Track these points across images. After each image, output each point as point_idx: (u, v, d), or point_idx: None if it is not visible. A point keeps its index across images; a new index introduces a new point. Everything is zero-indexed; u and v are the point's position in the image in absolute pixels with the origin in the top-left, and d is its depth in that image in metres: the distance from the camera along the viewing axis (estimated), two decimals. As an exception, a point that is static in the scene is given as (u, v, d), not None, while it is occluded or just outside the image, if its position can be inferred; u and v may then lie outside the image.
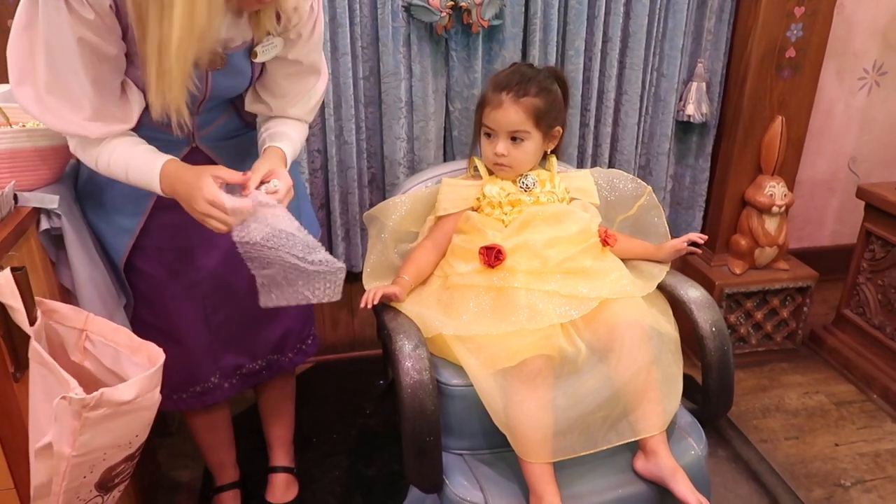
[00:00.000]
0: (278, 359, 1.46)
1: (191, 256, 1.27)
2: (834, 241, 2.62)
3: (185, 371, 1.34)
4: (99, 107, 1.05)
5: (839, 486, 1.70)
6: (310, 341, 1.52)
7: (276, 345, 1.44)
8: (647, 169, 2.10)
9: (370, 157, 1.90)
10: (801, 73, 1.97)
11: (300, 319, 1.46)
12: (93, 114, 1.05)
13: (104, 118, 1.06)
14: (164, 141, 1.16)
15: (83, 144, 1.11)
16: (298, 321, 1.46)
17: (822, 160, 2.47)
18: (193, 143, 1.22)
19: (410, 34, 1.76)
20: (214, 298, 1.32)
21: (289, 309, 1.32)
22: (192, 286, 1.29)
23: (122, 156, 1.10)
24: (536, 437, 1.15)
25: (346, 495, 1.66)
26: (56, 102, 1.03)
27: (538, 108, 1.35)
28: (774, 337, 2.20)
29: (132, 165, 1.10)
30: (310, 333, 1.51)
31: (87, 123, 1.05)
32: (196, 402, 1.39)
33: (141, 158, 1.10)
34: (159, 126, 1.11)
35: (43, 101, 1.02)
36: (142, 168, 1.09)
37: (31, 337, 0.96)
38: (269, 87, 1.23)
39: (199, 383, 1.37)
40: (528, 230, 1.33)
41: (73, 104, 1.03)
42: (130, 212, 1.23)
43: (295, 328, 1.46)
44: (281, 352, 1.46)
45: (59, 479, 0.94)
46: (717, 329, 1.29)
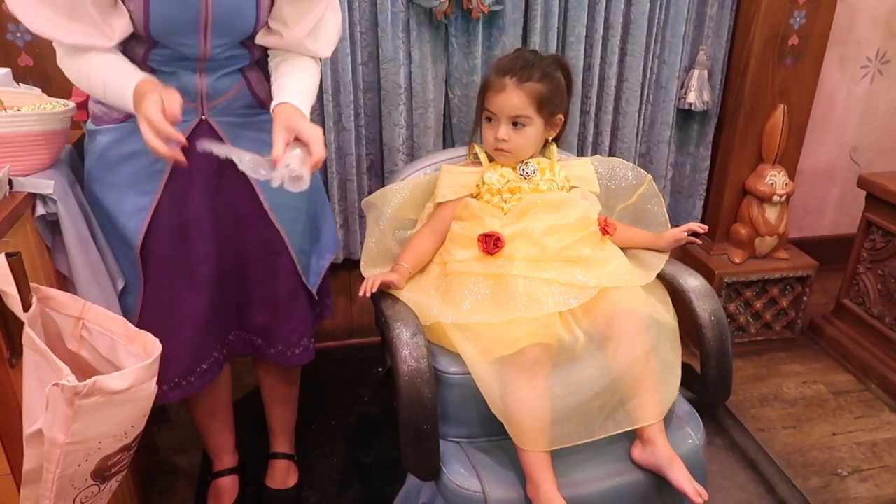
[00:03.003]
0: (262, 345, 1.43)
1: (199, 231, 1.26)
2: (834, 231, 2.61)
3: (194, 351, 1.33)
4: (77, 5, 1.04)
5: (836, 476, 1.70)
6: (298, 351, 1.43)
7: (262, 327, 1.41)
8: (648, 157, 2.09)
9: (369, 144, 1.89)
10: (804, 61, 1.95)
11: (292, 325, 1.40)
12: (70, 14, 1.05)
13: (83, 19, 1.05)
14: None
15: (69, 53, 1.11)
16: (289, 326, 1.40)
17: (824, 149, 2.45)
18: (203, 115, 1.20)
19: (410, 19, 1.74)
20: (221, 274, 1.31)
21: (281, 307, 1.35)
22: (201, 263, 1.28)
23: (103, 70, 1.09)
24: (534, 426, 1.15)
25: (343, 482, 1.66)
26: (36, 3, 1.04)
27: (541, 93, 1.34)
28: (773, 326, 2.20)
29: (110, 80, 1.09)
30: (300, 343, 1.43)
31: (68, 25, 1.05)
32: (202, 382, 1.37)
33: (121, 74, 1.08)
34: None
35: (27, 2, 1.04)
36: (119, 84, 1.08)
37: (25, 323, 0.96)
38: (276, 16, 1.18)
39: (204, 361, 1.36)
40: (528, 218, 1.32)
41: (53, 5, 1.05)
42: (145, 189, 1.22)
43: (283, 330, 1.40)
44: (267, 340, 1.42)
45: (52, 466, 0.94)
46: (716, 318, 1.28)
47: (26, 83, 1.43)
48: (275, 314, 1.38)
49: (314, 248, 1.41)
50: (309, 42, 1.21)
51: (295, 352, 1.43)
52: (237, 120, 1.24)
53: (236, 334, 1.42)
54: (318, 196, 1.43)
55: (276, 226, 1.30)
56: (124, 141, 1.19)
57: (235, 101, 1.22)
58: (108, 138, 1.20)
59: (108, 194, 1.23)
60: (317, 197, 1.41)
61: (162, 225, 1.24)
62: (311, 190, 1.32)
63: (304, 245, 1.37)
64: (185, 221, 1.24)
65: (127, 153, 1.20)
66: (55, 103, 1.23)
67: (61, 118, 1.18)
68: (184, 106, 1.12)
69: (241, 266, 1.33)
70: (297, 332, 1.41)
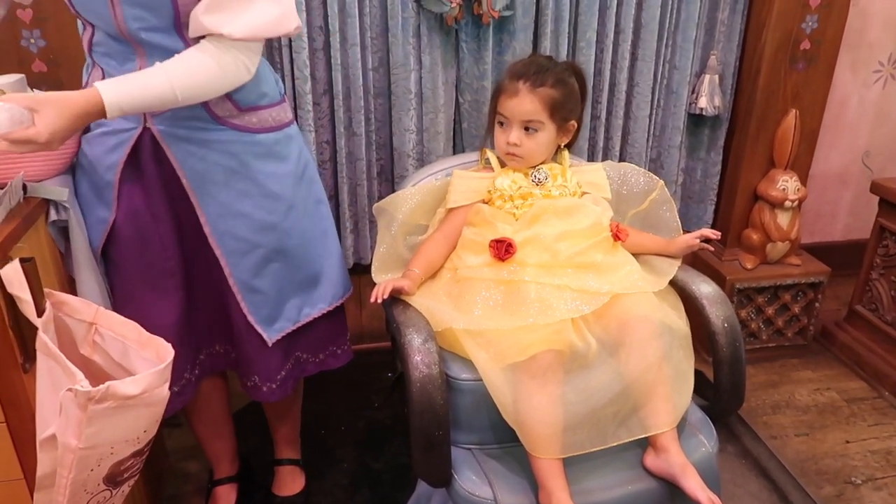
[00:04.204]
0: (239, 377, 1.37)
1: (160, 244, 1.22)
2: (846, 236, 2.59)
3: None
4: None
5: (850, 484, 1.69)
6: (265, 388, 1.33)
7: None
8: (659, 162, 2.08)
9: (379, 149, 1.89)
10: (816, 66, 1.94)
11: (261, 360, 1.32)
12: None
13: None
14: None
15: None
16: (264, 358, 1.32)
17: (836, 154, 2.44)
18: (146, 124, 1.14)
19: (420, 25, 1.74)
20: (191, 290, 1.27)
21: None
22: (165, 277, 1.24)
23: None
24: (546, 433, 1.14)
25: (353, 488, 1.65)
26: None
27: (554, 99, 1.33)
28: (785, 332, 2.18)
29: None
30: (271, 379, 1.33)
31: None
32: (174, 405, 1.28)
33: None
34: None
35: None
36: None
37: (39, 328, 0.96)
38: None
39: (176, 383, 1.28)
40: (539, 223, 1.31)
41: None
42: (104, 201, 1.20)
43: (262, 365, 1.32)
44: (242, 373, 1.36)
45: (65, 470, 0.94)
46: (730, 325, 1.27)
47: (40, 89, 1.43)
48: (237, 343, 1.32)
49: (295, 294, 1.32)
50: (206, 16, 1.03)
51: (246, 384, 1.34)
52: (184, 132, 1.15)
53: (210, 350, 1.37)
54: (315, 242, 1.33)
55: (216, 251, 1.22)
56: (84, 149, 1.20)
57: (184, 112, 1.12)
58: (81, 146, 1.22)
59: (83, 202, 1.22)
60: (312, 242, 1.32)
61: (122, 237, 1.21)
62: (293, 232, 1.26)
63: (256, 283, 1.26)
64: (144, 234, 1.21)
65: (87, 162, 1.20)
66: (69, 109, 1.23)
67: (75, 124, 1.18)
68: None
69: (212, 281, 1.27)
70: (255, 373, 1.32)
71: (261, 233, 1.23)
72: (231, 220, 1.21)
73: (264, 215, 1.23)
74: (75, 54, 1.33)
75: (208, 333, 1.35)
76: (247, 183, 1.20)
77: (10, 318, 0.96)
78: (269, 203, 1.23)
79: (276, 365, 1.34)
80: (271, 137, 1.22)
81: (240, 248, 1.23)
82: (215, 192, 1.19)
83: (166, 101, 1.05)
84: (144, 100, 1.03)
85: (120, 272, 1.24)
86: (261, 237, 1.24)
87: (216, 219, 1.20)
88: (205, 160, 1.17)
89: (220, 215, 1.20)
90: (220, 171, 1.18)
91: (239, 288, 1.25)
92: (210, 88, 1.08)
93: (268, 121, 1.22)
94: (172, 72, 1.03)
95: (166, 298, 1.25)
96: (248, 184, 1.21)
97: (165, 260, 1.23)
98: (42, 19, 1.51)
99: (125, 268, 1.24)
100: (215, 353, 1.39)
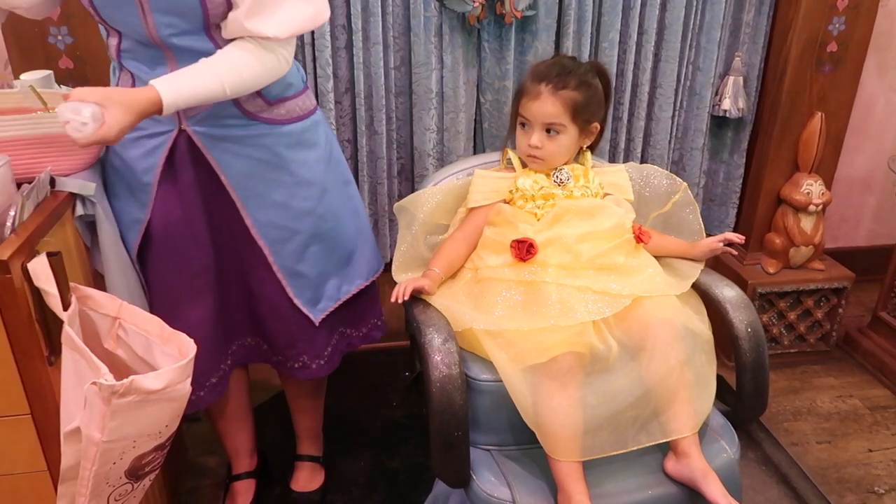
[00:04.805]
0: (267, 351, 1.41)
1: (195, 243, 1.25)
2: (871, 242, 2.55)
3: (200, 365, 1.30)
4: None
5: (872, 493, 1.66)
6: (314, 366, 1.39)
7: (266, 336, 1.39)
8: (681, 164, 2.06)
9: (399, 148, 1.89)
10: (843, 69, 1.92)
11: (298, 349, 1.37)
12: None
13: None
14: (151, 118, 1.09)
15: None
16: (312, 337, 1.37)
17: (861, 158, 2.40)
18: (181, 126, 1.17)
19: (442, 24, 1.74)
20: (223, 285, 1.30)
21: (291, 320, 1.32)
22: (199, 274, 1.26)
23: None
24: (565, 435, 1.13)
25: (369, 486, 1.66)
26: None
27: (576, 101, 1.32)
28: (808, 338, 2.15)
29: None
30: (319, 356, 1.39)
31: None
32: (212, 395, 1.35)
33: None
34: None
35: None
36: None
37: (65, 322, 0.97)
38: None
39: (213, 374, 1.34)
40: (561, 224, 1.31)
41: None
42: (140, 202, 1.22)
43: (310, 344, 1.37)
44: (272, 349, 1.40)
45: (88, 463, 0.95)
46: (753, 330, 1.26)
47: (67, 85, 1.45)
48: (275, 330, 1.35)
49: (335, 273, 1.36)
50: (249, 21, 1.06)
51: (294, 366, 1.39)
52: (220, 132, 1.18)
53: (242, 342, 1.40)
54: (346, 222, 1.37)
55: (259, 242, 1.26)
56: (117, 153, 1.21)
57: (217, 110, 1.16)
58: (110, 149, 1.23)
59: (114, 205, 1.24)
60: (343, 222, 1.36)
61: (156, 237, 1.23)
62: (327, 215, 1.30)
63: (300, 268, 1.30)
64: (178, 233, 1.24)
65: (121, 165, 1.21)
66: (95, 105, 1.24)
67: (101, 120, 1.19)
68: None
69: (243, 278, 1.31)
70: (304, 353, 1.37)
71: (298, 219, 1.27)
72: (270, 210, 1.25)
73: (300, 202, 1.27)
74: (101, 52, 1.34)
75: (240, 326, 1.38)
76: (281, 173, 1.24)
77: (37, 312, 0.97)
78: (303, 190, 1.27)
79: (323, 342, 1.38)
80: (300, 126, 1.25)
81: (281, 236, 1.27)
82: (253, 185, 1.23)
83: (216, 97, 1.09)
84: (197, 97, 1.06)
85: (154, 271, 1.26)
86: (299, 224, 1.28)
87: (256, 211, 1.24)
88: (240, 156, 1.20)
89: (259, 207, 1.24)
90: (255, 164, 1.22)
91: (283, 274, 1.29)
92: (256, 82, 1.12)
93: (295, 110, 1.24)
94: (222, 70, 1.07)
95: (200, 295, 1.28)
96: (283, 174, 1.24)
97: (199, 258, 1.26)
98: (69, 16, 1.52)
99: (159, 267, 1.26)
100: (247, 344, 1.41)
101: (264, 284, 1.30)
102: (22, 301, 0.95)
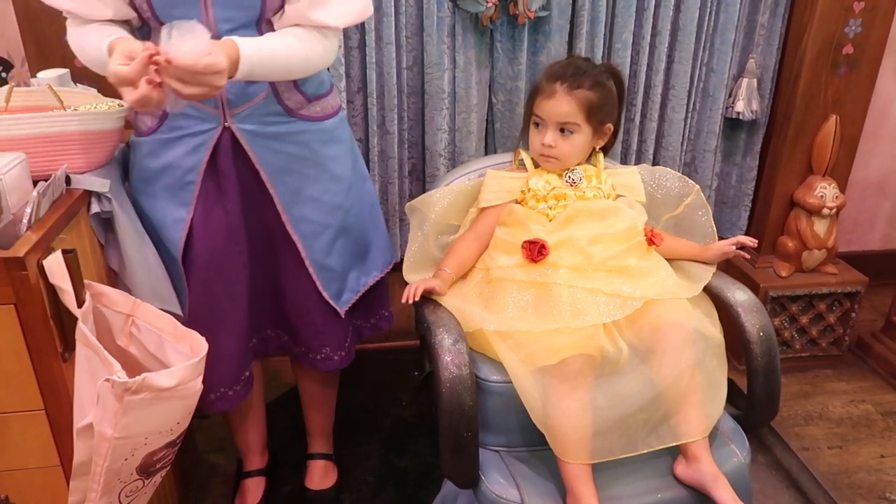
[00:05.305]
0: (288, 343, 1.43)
1: (234, 240, 1.27)
2: (885, 246, 2.53)
3: (238, 359, 1.34)
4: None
5: (884, 499, 1.65)
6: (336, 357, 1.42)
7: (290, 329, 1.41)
8: (693, 166, 2.05)
9: (411, 148, 1.89)
10: (858, 71, 1.90)
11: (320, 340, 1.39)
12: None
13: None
14: (194, 117, 1.16)
15: (72, 24, 1.13)
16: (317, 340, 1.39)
17: (875, 161, 2.38)
18: (225, 122, 1.18)
19: (455, 24, 1.74)
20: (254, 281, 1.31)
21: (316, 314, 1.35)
22: (237, 271, 1.29)
23: (91, 37, 1.10)
24: (575, 437, 1.13)
25: (378, 485, 1.66)
26: None
27: (591, 101, 1.32)
28: (820, 342, 2.14)
29: (93, 45, 1.08)
30: (341, 347, 1.42)
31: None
32: (246, 390, 1.38)
33: (101, 37, 1.07)
34: None
35: None
36: (97, 48, 1.07)
37: (79, 319, 0.98)
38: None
39: (247, 368, 1.37)
40: (573, 225, 1.30)
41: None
42: (182, 200, 1.23)
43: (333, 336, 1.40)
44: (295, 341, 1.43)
45: (100, 459, 0.96)
46: (766, 334, 1.25)
47: (83, 83, 1.46)
48: (300, 323, 1.38)
49: (355, 265, 1.40)
50: (312, 11, 1.11)
51: (317, 357, 1.41)
52: (262, 129, 1.20)
53: (262, 335, 1.43)
54: (367, 216, 1.41)
55: (293, 237, 1.29)
56: (156, 154, 1.21)
57: (262, 109, 1.19)
58: (143, 151, 1.23)
59: (152, 205, 1.24)
60: (364, 216, 1.40)
61: (200, 235, 1.24)
62: (352, 209, 1.34)
63: (329, 262, 1.33)
64: (221, 231, 1.25)
65: (161, 165, 1.22)
66: (110, 103, 1.26)
67: (116, 117, 1.20)
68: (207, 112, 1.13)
69: (272, 272, 1.34)
70: (327, 344, 1.39)
71: (330, 214, 1.30)
72: (304, 205, 1.28)
73: (332, 197, 1.30)
74: (116, 50, 1.35)
75: (262, 319, 1.40)
76: (316, 169, 1.27)
77: (52, 308, 0.98)
78: (334, 185, 1.30)
79: (344, 334, 1.42)
80: (331, 123, 1.29)
81: (313, 230, 1.30)
82: (290, 181, 1.25)
83: (279, 75, 1.14)
84: (266, 67, 1.08)
85: (195, 270, 1.26)
86: (330, 218, 1.31)
87: (292, 206, 1.27)
88: (279, 152, 1.23)
89: (294, 203, 1.27)
90: (293, 160, 1.25)
91: (314, 268, 1.32)
92: (314, 65, 1.18)
93: (328, 108, 1.28)
94: (292, 48, 1.11)
95: (238, 293, 1.30)
96: (317, 169, 1.27)
97: (238, 254, 1.28)
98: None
99: (200, 265, 1.26)
100: (266, 336, 1.43)
101: (295, 279, 1.33)
102: (37, 298, 0.96)
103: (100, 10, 1.11)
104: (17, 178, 1.02)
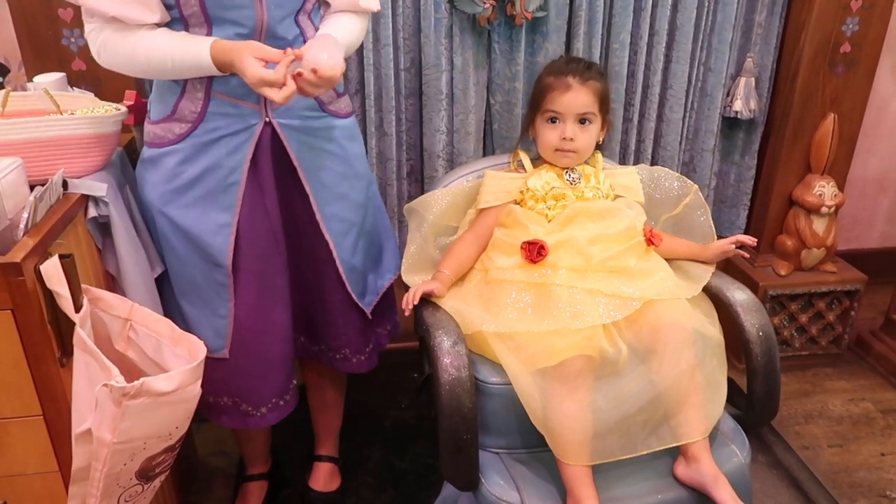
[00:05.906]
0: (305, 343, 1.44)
1: (275, 241, 1.26)
2: (884, 244, 2.53)
3: (287, 367, 1.33)
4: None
5: (885, 497, 1.65)
6: (354, 360, 1.43)
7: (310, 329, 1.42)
8: (691, 165, 2.05)
9: (409, 149, 1.89)
10: (856, 70, 1.90)
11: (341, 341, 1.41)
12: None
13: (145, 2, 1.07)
14: (234, 116, 1.15)
15: (117, 31, 1.10)
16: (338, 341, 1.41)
17: (874, 159, 2.38)
18: (267, 117, 1.18)
19: (453, 25, 1.73)
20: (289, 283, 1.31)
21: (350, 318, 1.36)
22: (279, 274, 1.28)
23: (163, 43, 1.10)
24: (575, 439, 1.13)
25: (378, 487, 1.66)
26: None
27: (602, 91, 1.36)
28: (819, 341, 2.14)
29: (177, 51, 1.09)
30: (360, 351, 1.43)
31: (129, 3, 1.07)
32: (295, 398, 1.37)
33: (185, 43, 1.09)
34: (229, 97, 1.13)
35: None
36: (188, 53, 1.08)
37: (77, 324, 0.98)
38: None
39: (295, 376, 1.37)
40: (572, 226, 1.30)
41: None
42: (224, 205, 1.20)
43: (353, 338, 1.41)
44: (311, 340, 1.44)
45: (99, 464, 0.96)
46: (765, 334, 1.25)
47: (79, 87, 1.46)
48: (322, 322, 1.38)
49: (372, 267, 1.41)
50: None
51: (336, 357, 1.42)
52: (299, 123, 1.21)
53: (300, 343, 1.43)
54: (379, 216, 1.43)
55: (326, 236, 1.29)
56: (192, 160, 1.18)
57: (300, 103, 1.19)
58: (175, 159, 1.19)
59: (187, 215, 1.21)
60: (377, 217, 1.41)
61: (246, 239, 1.22)
62: (369, 208, 1.36)
63: (354, 261, 1.34)
64: (265, 233, 1.24)
65: (201, 170, 1.19)
66: (107, 107, 1.25)
67: (113, 121, 1.20)
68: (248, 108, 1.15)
69: (302, 270, 1.34)
70: (347, 346, 1.40)
71: (355, 211, 1.32)
72: (335, 202, 1.29)
73: (357, 195, 1.32)
74: (114, 53, 1.35)
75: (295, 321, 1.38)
76: (344, 165, 1.29)
77: (49, 314, 0.98)
78: (359, 182, 1.32)
79: (363, 337, 1.42)
80: (351, 121, 1.32)
81: (342, 228, 1.31)
82: (322, 177, 1.26)
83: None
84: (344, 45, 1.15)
85: (244, 276, 1.24)
86: (355, 216, 1.33)
87: (325, 204, 1.27)
88: (313, 148, 1.24)
89: (327, 200, 1.28)
90: (326, 156, 1.26)
91: (344, 268, 1.32)
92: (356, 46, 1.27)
93: (347, 106, 1.31)
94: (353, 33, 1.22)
95: (283, 296, 1.29)
96: (346, 166, 1.29)
97: (279, 255, 1.28)
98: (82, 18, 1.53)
99: (250, 271, 1.24)
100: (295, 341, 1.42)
101: (324, 278, 1.33)
102: (34, 303, 0.95)
103: (146, 15, 1.09)
104: (13, 183, 1.01)
